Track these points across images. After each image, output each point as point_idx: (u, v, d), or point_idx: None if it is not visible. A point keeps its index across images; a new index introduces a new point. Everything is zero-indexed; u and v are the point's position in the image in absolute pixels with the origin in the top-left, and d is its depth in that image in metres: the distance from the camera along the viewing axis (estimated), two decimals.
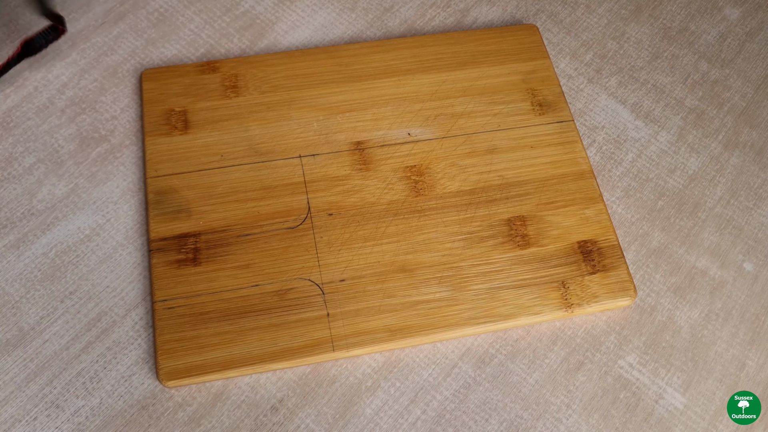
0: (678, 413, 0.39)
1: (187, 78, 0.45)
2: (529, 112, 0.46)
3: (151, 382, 0.37)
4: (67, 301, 0.39)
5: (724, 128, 0.49)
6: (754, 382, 0.40)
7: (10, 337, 0.38)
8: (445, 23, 0.51)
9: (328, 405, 0.38)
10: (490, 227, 0.42)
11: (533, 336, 0.40)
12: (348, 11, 0.51)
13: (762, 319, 0.42)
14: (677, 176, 0.46)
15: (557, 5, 0.53)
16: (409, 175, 0.43)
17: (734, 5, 0.54)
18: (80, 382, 0.37)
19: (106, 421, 0.36)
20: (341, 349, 0.38)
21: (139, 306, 0.39)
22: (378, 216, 0.42)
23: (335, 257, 0.40)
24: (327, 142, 0.44)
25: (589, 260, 0.41)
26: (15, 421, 0.36)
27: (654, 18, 0.53)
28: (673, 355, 0.41)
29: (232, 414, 0.37)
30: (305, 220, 0.41)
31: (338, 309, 0.39)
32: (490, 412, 0.38)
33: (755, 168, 0.47)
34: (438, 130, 0.45)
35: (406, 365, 0.39)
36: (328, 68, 0.46)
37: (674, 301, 0.42)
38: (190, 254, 0.40)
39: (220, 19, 0.49)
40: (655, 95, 0.49)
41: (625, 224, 0.44)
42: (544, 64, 0.48)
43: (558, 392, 0.39)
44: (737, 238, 0.45)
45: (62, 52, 0.47)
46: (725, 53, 0.52)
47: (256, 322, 0.38)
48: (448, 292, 0.40)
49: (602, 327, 0.41)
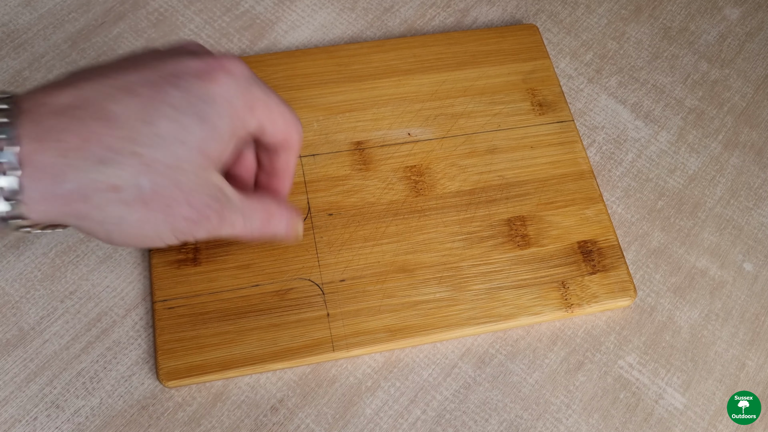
0: (678, 413, 0.39)
1: None
2: (529, 112, 0.46)
3: (151, 382, 0.37)
4: (67, 301, 0.39)
5: (724, 128, 0.49)
6: (754, 382, 0.40)
7: (10, 337, 0.38)
8: (445, 23, 0.51)
9: (328, 405, 0.38)
10: (490, 227, 0.42)
11: (533, 336, 0.41)
12: (348, 11, 0.51)
13: (762, 319, 0.42)
14: (677, 176, 0.46)
15: (557, 5, 0.53)
16: (409, 175, 0.43)
17: (734, 5, 0.54)
18: (80, 382, 0.37)
19: (106, 421, 0.36)
20: (341, 349, 0.38)
21: (139, 306, 0.39)
22: (378, 216, 0.42)
23: (335, 257, 0.40)
24: (327, 142, 0.44)
25: (589, 260, 0.41)
26: (15, 421, 0.36)
27: (654, 18, 0.53)
28: (673, 355, 0.41)
29: (232, 414, 0.37)
30: (305, 220, 0.41)
31: (338, 309, 0.39)
32: (490, 412, 0.38)
33: (755, 168, 0.47)
34: (438, 130, 0.45)
35: (406, 365, 0.39)
36: (328, 68, 0.46)
37: (674, 301, 0.42)
38: (190, 254, 0.40)
39: (220, 19, 0.49)
40: (655, 95, 0.49)
41: (625, 224, 0.44)
42: (544, 64, 0.48)
43: (558, 392, 0.39)
44: (737, 238, 0.45)
45: (62, 52, 0.47)
46: (725, 53, 0.52)
47: (256, 322, 0.38)
48: (448, 292, 0.40)
49: (602, 327, 0.41)
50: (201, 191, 0.29)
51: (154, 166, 0.27)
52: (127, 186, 0.27)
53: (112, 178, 0.27)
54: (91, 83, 0.28)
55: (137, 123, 0.27)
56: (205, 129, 0.28)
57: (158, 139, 0.27)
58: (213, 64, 0.29)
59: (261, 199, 0.33)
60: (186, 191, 0.28)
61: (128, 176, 0.27)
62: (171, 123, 0.27)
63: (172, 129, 0.27)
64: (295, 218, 0.35)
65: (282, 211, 0.34)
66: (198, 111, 0.28)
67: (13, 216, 0.27)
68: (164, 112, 0.27)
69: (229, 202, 0.30)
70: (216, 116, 0.28)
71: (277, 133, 0.32)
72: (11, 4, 0.48)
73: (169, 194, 0.28)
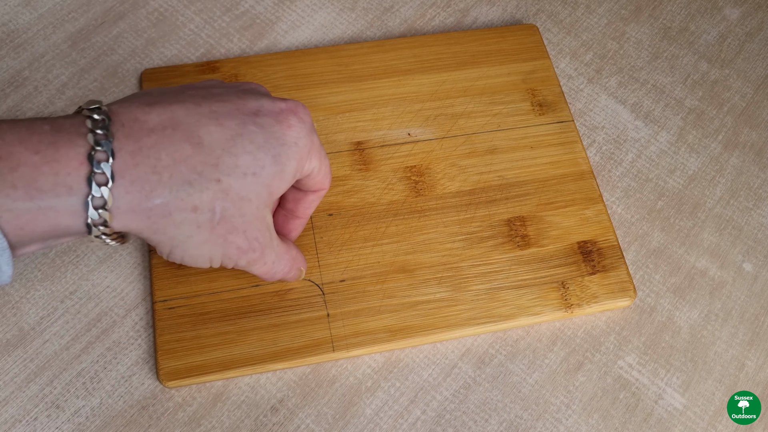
0: (678, 413, 0.39)
1: (187, 78, 0.45)
2: (529, 112, 0.46)
3: (151, 382, 0.38)
4: (67, 301, 0.39)
5: (724, 128, 0.49)
6: (753, 382, 0.40)
7: (10, 337, 0.38)
8: (445, 23, 0.51)
9: (328, 405, 0.38)
10: (490, 227, 0.42)
11: (533, 336, 0.41)
12: (348, 11, 0.51)
13: (762, 319, 0.42)
14: (677, 176, 0.46)
15: (557, 5, 0.53)
16: (409, 175, 0.43)
17: (734, 5, 0.54)
18: (80, 382, 0.37)
19: (107, 421, 0.36)
20: (341, 349, 0.38)
21: (139, 306, 0.39)
22: (378, 216, 0.42)
23: (335, 257, 0.40)
24: (327, 142, 0.44)
25: (589, 261, 0.41)
26: (15, 422, 0.36)
27: (654, 18, 0.53)
28: (672, 355, 0.41)
29: (232, 414, 0.37)
30: None
31: (338, 309, 0.39)
32: (490, 412, 0.38)
33: (755, 168, 0.47)
34: (438, 130, 0.45)
35: (406, 365, 0.39)
36: (328, 68, 0.46)
37: (674, 301, 0.42)
38: None
39: (220, 19, 0.49)
40: (655, 95, 0.49)
41: (625, 224, 0.44)
42: (544, 64, 0.48)
43: (558, 392, 0.39)
44: (737, 239, 0.45)
45: (62, 52, 0.47)
46: (725, 53, 0.52)
47: (256, 323, 0.38)
48: (448, 293, 0.40)
49: (602, 327, 0.41)
50: (256, 225, 0.31)
51: (228, 193, 0.29)
52: (204, 208, 0.29)
53: (195, 199, 0.29)
54: (183, 107, 0.30)
55: (221, 152, 0.29)
56: (276, 167, 0.30)
57: (237, 169, 0.29)
58: (287, 109, 0.32)
59: (288, 245, 0.36)
60: (246, 221, 0.31)
61: (207, 199, 0.29)
62: (249, 156, 0.30)
63: (250, 162, 0.30)
64: (305, 265, 0.38)
65: (300, 260, 0.37)
66: (273, 150, 0.30)
67: (99, 224, 0.28)
68: (245, 146, 0.30)
69: (271, 241, 0.33)
70: (286, 157, 0.31)
71: (318, 180, 0.34)
72: (11, 4, 0.48)
73: (232, 222, 0.30)
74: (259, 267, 0.33)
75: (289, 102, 0.32)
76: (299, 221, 0.37)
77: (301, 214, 0.37)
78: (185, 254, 0.30)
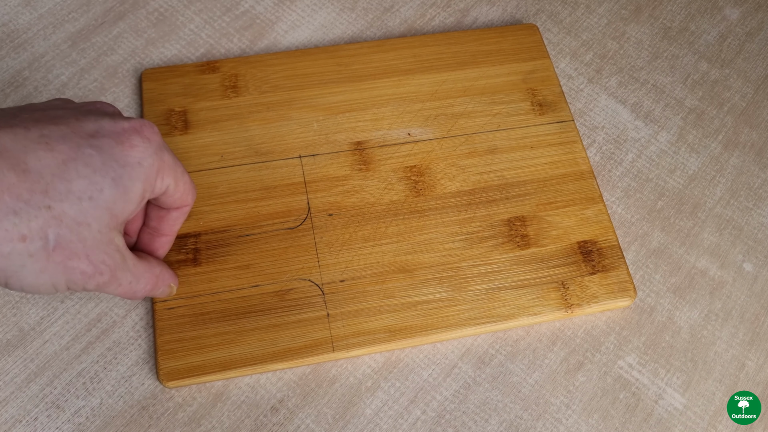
0: (678, 413, 0.39)
1: (187, 78, 0.45)
2: (529, 112, 0.46)
3: (151, 382, 0.38)
4: (67, 301, 0.39)
5: (724, 128, 0.49)
6: (754, 382, 0.40)
7: (11, 337, 0.38)
8: (445, 23, 0.51)
9: (328, 405, 0.38)
10: (490, 227, 0.42)
11: (533, 336, 0.41)
12: (348, 11, 0.51)
13: (762, 319, 0.42)
14: (677, 176, 0.46)
15: (557, 5, 0.53)
16: (409, 175, 0.43)
17: (734, 5, 0.54)
18: (80, 382, 0.37)
19: (107, 421, 0.36)
20: (341, 349, 0.38)
21: (139, 306, 0.39)
22: (378, 216, 0.42)
23: (335, 258, 0.40)
24: (327, 142, 0.44)
25: (589, 260, 0.41)
26: (15, 422, 0.36)
27: (654, 18, 0.53)
28: (672, 355, 0.41)
29: (232, 414, 0.37)
30: (305, 221, 0.41)
31: (338, 309, 0.39)
32: (490, 412, 0.38)
33: (755, 168, 0.47)
34: (438, 130, 0.45)
35: (406, 365, 0.39)
36: (328, 68, 0.46)
37: (674, 301, 0.42)
38: (190, 254, 0.40)
39: (220, 19, 0.49)
40: (655, 95, 0.49)
41: (625, 224, 0.44)
42: (544, 64, 0.48)
43: (558, 392, 0.39)
44: (737, 239, 0.45)
45: (62, 52, 0.47)
46: (725, 53, 0.52)
47: (256, 323, 0.38)
48: (448, 293, 0.40)
49: (602, 327, 0.41)
50: (101, 248, 0.30)
51: (62, 220, 0.28)
52: (35, 237, 0.28)
53: (22, 228, 0.27)
54: (10, 133, 0.28)
55: (53, 178, 0.28)
56: (117, 190, 0.30)
57: (70, 194, 0.28)
58: (129, 129, 0.31)
59: (149, 263, 0.35)
60: (88, 246, 0.29)
61: (36, 227, 0.28)
62: (84, 180, 0.29)
63: (85, 186, 0.29)
64: (176, 281, 0.38)
65: (166, 275, 0.36)
66: (112, 173, 0.29)
67: None
68: (79, 170, 0.29)
69: (124, 262, 0.32)
70: (128, 179, 0.30)
71: (177, 198, 0.34)
72: (11, 4, 0.48)
73: (71, 248, 0.29)
74: (114, 289, 0.32)
75: (133, 121, 0.31)
76: (165, 239, 0.36)
77: (166, 232, 0.36)
78: (23, 283, 0.29)
